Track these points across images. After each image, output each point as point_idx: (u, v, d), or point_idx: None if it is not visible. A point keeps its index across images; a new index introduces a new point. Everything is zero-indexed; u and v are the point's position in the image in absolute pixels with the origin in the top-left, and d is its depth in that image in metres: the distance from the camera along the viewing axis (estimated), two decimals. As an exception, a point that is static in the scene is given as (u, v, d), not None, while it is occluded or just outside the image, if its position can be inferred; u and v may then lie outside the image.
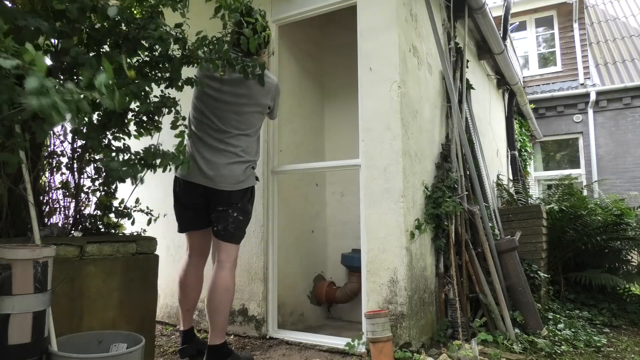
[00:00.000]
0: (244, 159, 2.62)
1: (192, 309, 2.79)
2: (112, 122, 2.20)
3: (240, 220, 2.63)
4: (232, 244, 2.62)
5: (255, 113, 2.68)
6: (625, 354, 3.24)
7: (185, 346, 2.76)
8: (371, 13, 3.08)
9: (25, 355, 1.56)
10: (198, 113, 2.66)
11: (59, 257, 1.92)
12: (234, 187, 2.58)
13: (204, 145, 2.60)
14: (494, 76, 6.27)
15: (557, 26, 10.10)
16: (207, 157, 2.57)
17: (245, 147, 2.64)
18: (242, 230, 2.67)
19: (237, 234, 2.63)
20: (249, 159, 2.66)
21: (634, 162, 8.88)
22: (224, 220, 2.58)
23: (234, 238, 2.62)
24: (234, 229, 2.60)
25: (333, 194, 4.39)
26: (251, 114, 2.66)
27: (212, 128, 2.61)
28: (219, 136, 2.60)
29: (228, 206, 2.58)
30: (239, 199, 2.61)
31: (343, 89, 4.29)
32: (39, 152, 2.21)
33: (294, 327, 3.61)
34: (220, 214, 2.59)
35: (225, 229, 2.59)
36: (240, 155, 2.61)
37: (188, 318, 2.78)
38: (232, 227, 2.59)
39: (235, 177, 2.58)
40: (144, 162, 2.06)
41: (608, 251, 4.98)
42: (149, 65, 2.23)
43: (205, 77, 2.61)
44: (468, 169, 3.77)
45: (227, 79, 2.58)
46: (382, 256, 2.86)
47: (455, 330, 3.12)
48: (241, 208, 2.62)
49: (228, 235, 2.60)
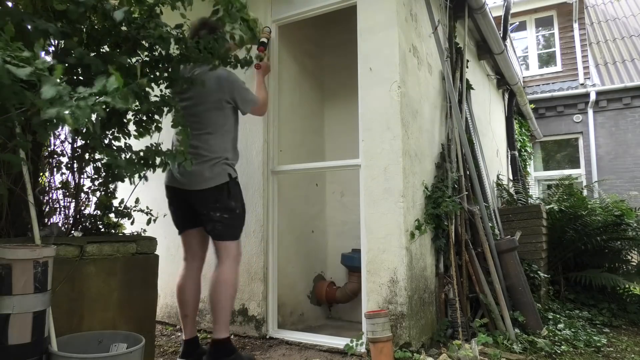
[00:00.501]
0: (207, 157, 2.60)
1: (190, 314, 2.75)
2: (112, 122, 2.20)
3: (227, 218, 2.61)
4: (228, 242, 2.63)
5: (211, 110, 2.66)
6: (625, 354, 3.24)
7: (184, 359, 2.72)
8: (371, 13, 3.08)
9: (25, 355, 1.56)
10: None
11: (59, 257, 1.92)
12: (202, 186, 2.58)
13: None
14: (494, 76, 6.27)
15: (557, 26, 10.10)
16: None
17: (209, 146, 2.62)
18: (233, 227, 2.65)
19: (227, 231, 2.63)
20: (215, 156, 2.62)
21: (634, 162, 8.88)
22: (210, 222, 2.61)
23: (225, 236, 2.63)
24: (221, 227, 2.60)
25: (333, 194, 4.39)
26: (207, 112, 2.65)
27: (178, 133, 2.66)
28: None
29: (208, 209, 2.60)
30: (215, 198, 2.59)
31: (343, 89, 4.29)
32: (39, 152, 2.21)
33: (294, 327, 3.61)
34: (204, 216, 2.62)
35: (213, 229, 2.62)
36: (203, 154, 2.60)
37: (188, 325, 2.74)
38: (219, 226, 2.60)
39: (201, 175, 2.57)
40: (145, 161, 2.06)
41: (608, 251, 4.98)
42: (149, 65, 2.23)
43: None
44: (468, 169, 3.77)
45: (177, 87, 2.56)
46: (382, 256, 2.86)
47: (455, 330, 3.12)
48: (221, 207, 2.60)
49: (218, 235, 2.62)
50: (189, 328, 2.75)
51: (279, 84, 3.64)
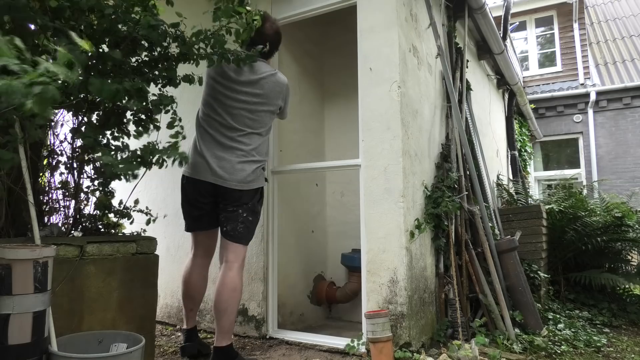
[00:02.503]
0: (255, 159, 2.61)
1: (195, 308, 2.80)
2: (112, 121, 2.20)
3: (250, 221, 2.61)
4: (241, 245, 2.60)
5: (267, 112, 2.69)
6: (625, 354, 3.24)
7: (187, 344, 2.75)
8: (371, 13, 3.08)
9: (25, 355, 1.56)
10: (210, 110, 2.65)
11: (59, 257, 1.92)
12: (244, 187, 2.56)
13: (215, 142, 2.59)
14: (494, 76, 6.27)
15: (557, 26, 10.10)
16: (217, 154, 2.56)
17: (257, 146, 2.63)
18: (251, 231, 2.66)
19: (245, 234, 2.61)
20: (260, 158, 2.65)
21: (634, 162, 8.88)
22: (234, 221, 2.56)
23: (242, 239, 2.60)
24: (243, 229, 2.58)
25: (333, 194, 4.39)
26: (264, 113, 2.67)
27: (224, 126, 2.59)
28: (230, 134, 2.59)
29: (238, 206, 2.56)
30: (249, 199, 2.60)
31: (343, 89, 4.29)
32: (39, 152, 2.21)
33: (294, 327, 3.61)
34: (230, 214, 2.57)
35: (234, 229, 2.57)
36: (252, 154, 2.60)
37: (192, 317, 2.78)
38: (241, 227, 2.57)
39: (246, 176, 2.56)
40: (142, 159, 2.06)
41: (608, 252, 4.98)
42: (148, 65, 2.23)
43: (219, 76, 2.62)
44: (468, 169, 3.77)
45: (243, 80, 2.60)
46: (382, 256, 2.86)
47: (455, 330, 3.12)
48: (251, 208, 2.61)
49: (237, 236, 2.58)
50: (192, 319, 2.79)
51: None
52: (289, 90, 2.84)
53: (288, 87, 2.82)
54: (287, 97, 2.83)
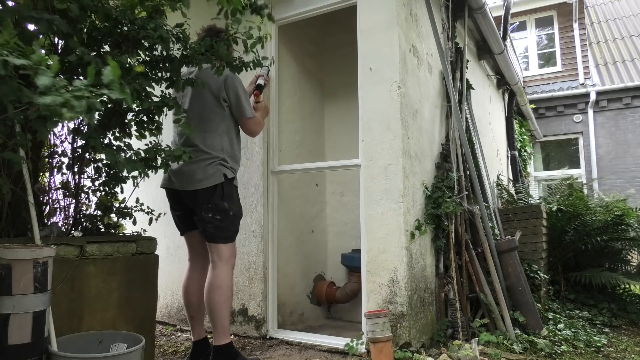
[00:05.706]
0: (202, 157, 2.56)
1: (196, 315, 2.72)
2: (113, 122, 2.20)
3: (219, 220, 2.55)
4: (220, 244, 2.57)
5: (208, 109, 2.63)
6: (625, 354, 3.24)
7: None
8: (371, 13, 3.08)
9: (25, 355, 1.56)
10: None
11: (59, 257, 1.92)
12: (195, 187, 2.54)
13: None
14: (494, 76, 6.27)
15: (557, 26, 10.09)
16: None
17: (205, 145, 2.58)
18: (224, 229, 2.58)
19: (219, 233, 2.56)
20: (210, 155, 2.57)
21: (634, 162, 8.88)
22: (202, 222, 2.57)
23: (217, 238, 2.56)
24: (213, 229, 2.55)
25: (333, 194, 4.39)
26: (204, 110, 2.63)
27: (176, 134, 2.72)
28: (179, 140, 2.67)
29: (200, 208, 2.56)
30: (207, 199, 2.54)
31: (343, 89, 4.29)
32: (39, 152, 2.21)
33: (294, 327, 3.61)
34: (197, 216, 2.59)
35: (205, 230, 2.57)
36: (198, 153, 2.54)
37: (196, 326, 2.73)
38: (210, 227, 2.54)
39: (194, 175, 2.53)
40: (145, 160, 2.06)
41: (608, 251, 4.98)
42: (150, 65, 2.23)
43: None
44: (468, 169, 3.76)
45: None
46: (382, 256, 2.86)
47: (455, 330, 3.12)
48: (213, 208, 2.54)
49: (210, 237, 2.57)
50: (197, 329, 2.72)
51: (279, 84, 3.64)
52: (235, 82, 2.65)
53: (234, 79, 2.64)
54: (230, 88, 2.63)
